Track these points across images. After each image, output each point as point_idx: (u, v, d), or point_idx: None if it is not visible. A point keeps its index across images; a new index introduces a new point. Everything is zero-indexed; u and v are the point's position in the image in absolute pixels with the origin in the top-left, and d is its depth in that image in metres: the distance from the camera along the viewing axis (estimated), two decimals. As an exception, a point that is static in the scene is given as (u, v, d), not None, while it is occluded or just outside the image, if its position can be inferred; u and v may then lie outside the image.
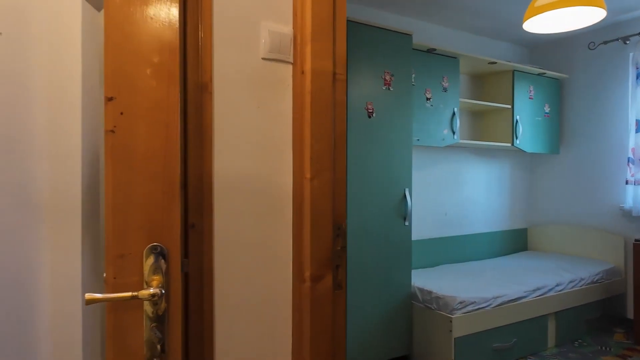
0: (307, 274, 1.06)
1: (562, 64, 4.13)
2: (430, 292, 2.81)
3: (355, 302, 2.69)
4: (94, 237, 1.84)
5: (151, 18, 0.82)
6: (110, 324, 0.77)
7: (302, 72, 1.08)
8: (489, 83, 3.95)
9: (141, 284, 0.77)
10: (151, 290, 0.75)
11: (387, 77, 2.83)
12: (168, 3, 0.82)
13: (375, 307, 2.78)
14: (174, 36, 0.82)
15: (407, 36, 2.91)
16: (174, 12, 0.83)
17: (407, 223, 2.91)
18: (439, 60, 3.29)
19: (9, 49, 1.62)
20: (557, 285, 3.15)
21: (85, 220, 1.77)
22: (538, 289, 3.03)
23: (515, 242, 4.26)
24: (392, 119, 2.84)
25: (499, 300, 2.81)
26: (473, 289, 2.84)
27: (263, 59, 1.06)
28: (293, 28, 1.10)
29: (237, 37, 1.02)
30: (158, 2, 0.82)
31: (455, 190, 3.85)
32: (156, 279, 0.77)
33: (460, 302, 2.66)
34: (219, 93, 0.99)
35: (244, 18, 1.03)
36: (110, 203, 0.77)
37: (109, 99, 0.79)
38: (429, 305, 2.81)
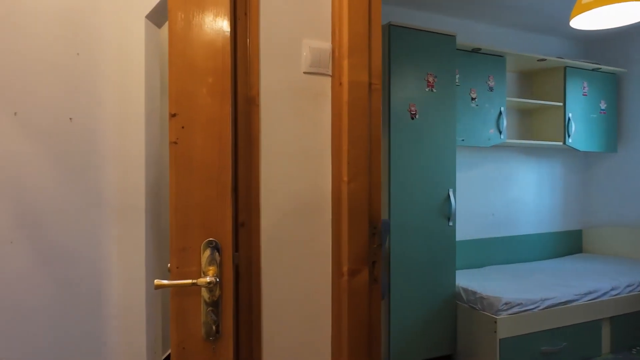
0: (345, 268, 1.15)
1: (619, 58, 3.94)
2: (474, 293, 2.81)
3: (399, 300, 2.75)
4: (155, 233, 2.04)
5: (207, 44, 0.95)
6: (174, 307, 0.90)
7: (340, 84, 1.18)
8: (539, 80, 3.85)
9: (199, 273, 0.90)
10: (207, 279, 0.87)
11: (430, 79, 2.86)
12: (222, 31, 0.95)
13: (419, 306, 2.82)
14: (226, 59, 0.95)
15: (451, 37, 2.92)
16: (226, 37, 0.95)
17: (451, 223, 2.92)
18: (485, 60, 3.26)
19: (85, 67, 1.84)
20: (613, 289, 3.03)
21: (148, 219, 1.98)
22: (590, 292, 2.93)
23: (569, 244, 4.11)
24: (435, 120, 2.86)
25: (547, 303, 2.76)
26: (520, 291, 2.81)
27: (304, 72, 1.17)
28: (332, 43, 1.20)
29: (281, 55, 1.14)
30: (213, 30, 0.95)
31: (503, 190, 3.78)
32: (212, 269, 0.90)
33: (506, 303, 2.64)
34: (265, 105, 1.11)
35: (287, 37, 1.15)
36: (174, 204, 0.91)
37: (173, 115, 0.92)
38: (474, 306, 2.81)
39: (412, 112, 2.80)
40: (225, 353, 0.93)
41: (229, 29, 0.97)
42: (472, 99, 3.21)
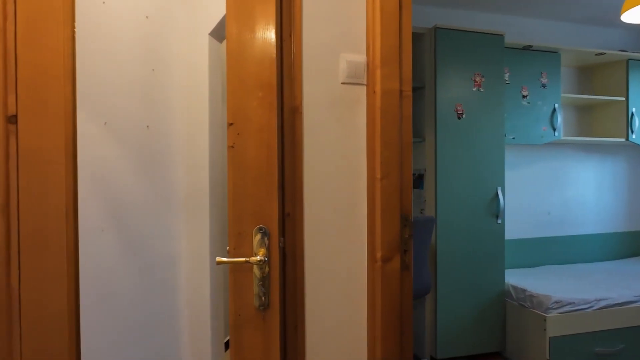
0: (379, 255, 1.30)
1: (691, 48, 3.70)
2: (524, 290, 2.81)
3: (446, 295, 2.82)
4: (217, 223, 2.30)
5: (258, 63, 1.14)
6: (231, 281, 1.11)
7: (374, 92, 1.33)
8: (599, 75, 3.71)
9: (251, 254, 1.09)
10: (258, 258, 1.06)
11: (477, 79, 2.90)
12: (270, 52, 1.14)
13: (467, 302, 2.87)
14: (272, 76, 1.13)
15: (499, 36, 2.94)
16: (273, 58, 1.14)
17: (499, 221, 2.94)
18: (537, 57, 3.23)
19: (159, 81, 2.13)
20: (679, 292, 2.89)
21: (211, 211, 2.23)
22: (652, 294, 2.82)
23: (635, 245, 3.92)
24: (482, 119, 2.90)
25: (602, 303, 2.70)
26: (573, 290, 2.77)
27: (342, 83, 1.33)
28: (366, 56, 1.35)
29: (321, 69, 1.31)
30: (263, 52, 1.14)
31: (560, 188, 3.70)
32: (262, 251, 1.09)
33: (556, 302, 2.63)
34: (307, 114, 1.29)
35: (327, 53, 1.32)
36: (231, 197, 1.11)
37: (230, 124, 1.13)
38: (523, 304, 2.81)
39: (459, 112, 2.86)
40: (273, 321, 1.12)
41: (275, 50, 1.15)
42: (524, 96, 3.20)
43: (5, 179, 1.09)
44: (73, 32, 1.15)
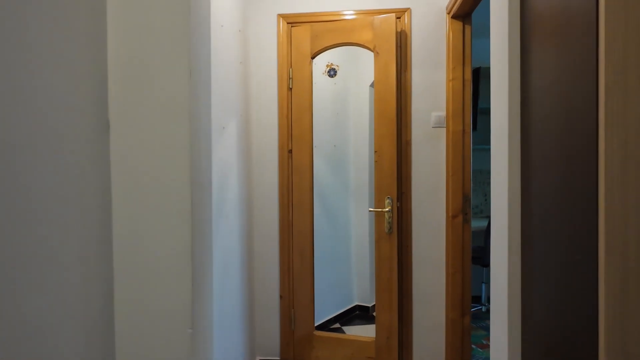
0: (450, 214, 2.56)
1: None
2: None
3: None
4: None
5: (387, 120, 2.54)
6: (376, 220, 2.53)
7: (449, 131, 2.59)
8: None
9: (384, 208, 2.50)
10: (387, 209, 2.46)
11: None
12: (393, 115, 2.53)
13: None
14: (394, 127, 2.52)
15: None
16: (394, 118, 2.52)
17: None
18: None
19: (341, 119, 3.69)
20: None
21: (369, 193, 3.69)
22: None
23: None
24: None
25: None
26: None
27: (432, 127, 2.63)
28: (445, 112, 2.62)
29: (421, 120, 2.63)
30: (391, 116, 2.53)
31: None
32: (389, 207, 2.49)
33: None
34: (414, 143, 2.63)
35: (424, 112, 2.63)
36: (376, 183, 2.53)
37: (375, 151, 2.55)
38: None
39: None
40: (394, 240, 2.51)
41: (396, 114, 2.53)
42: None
43: (287, 177, 2.74)
44: (312, 113, 2.73)
